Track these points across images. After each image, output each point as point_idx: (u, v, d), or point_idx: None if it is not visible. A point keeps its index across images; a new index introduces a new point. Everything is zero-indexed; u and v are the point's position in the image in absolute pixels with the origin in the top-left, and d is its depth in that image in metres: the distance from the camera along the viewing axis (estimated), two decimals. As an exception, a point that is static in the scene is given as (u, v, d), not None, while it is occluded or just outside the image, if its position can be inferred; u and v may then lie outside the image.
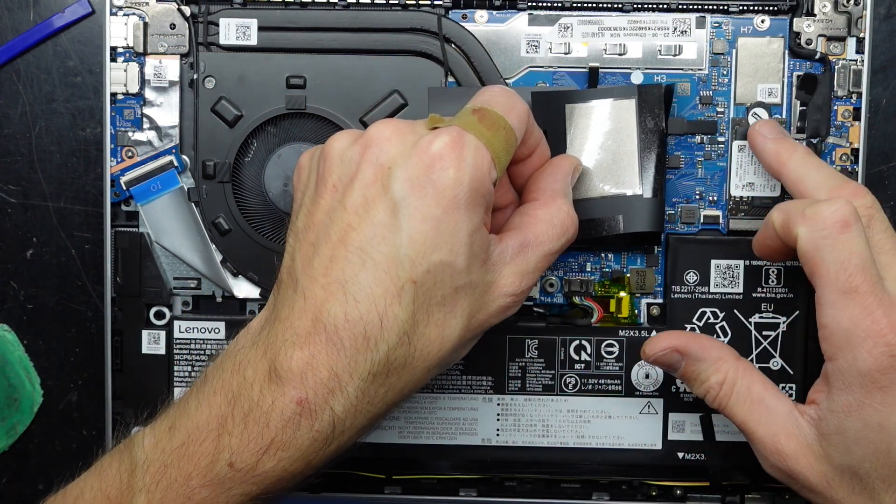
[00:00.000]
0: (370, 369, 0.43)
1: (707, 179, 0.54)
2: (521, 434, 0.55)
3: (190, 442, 0.44)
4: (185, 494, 0.43)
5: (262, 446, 0.43)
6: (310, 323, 0.43)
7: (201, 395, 0.45)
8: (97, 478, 0.45)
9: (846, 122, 0.53)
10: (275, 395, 0.43)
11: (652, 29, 0.53)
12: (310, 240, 0.44)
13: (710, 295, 0.54)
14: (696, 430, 0.55)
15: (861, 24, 0.52)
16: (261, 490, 0.44)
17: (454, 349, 0.45)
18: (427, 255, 0.43)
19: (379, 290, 0.43)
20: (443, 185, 0.43)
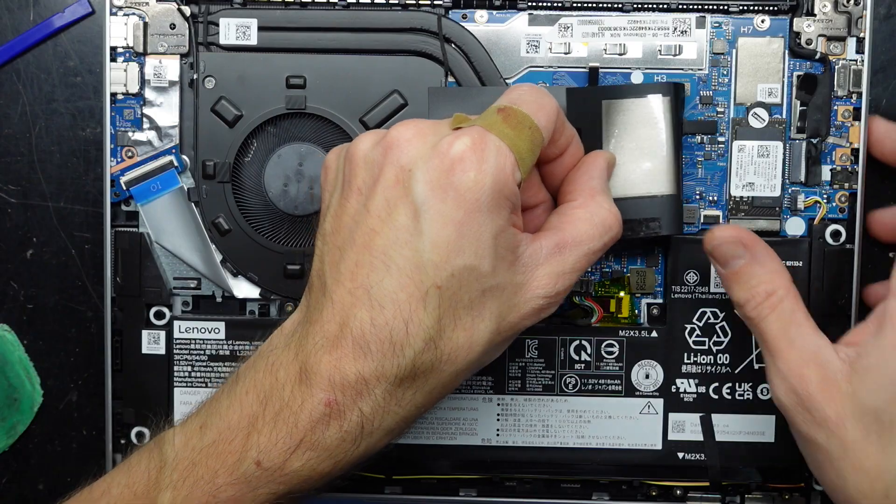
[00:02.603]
0: (397, 374, 0.43)
1: (707, 179, 0.54)
2: (521, 434, 0.55)
3: (220, 440, 0.44)
4: (210, 492, 0.43)
5: (291, 446, 0.43)
6: (337, 328, 0.43)
7: (233, 394, 0.45)
8: (125, 474, 0.45)
9: (846, 122, 0.53)
10: (304, 396, 0.43)
11: (652, 29, 0.53)
12: (337, 243, 0.44)
13: (711, 295, 0.54)
14: (696, 430, 0.55)
15: (861, 24, 0.52)
16: (288, 489, 0.44)
17: (484, 352, 0.44)
18: (451, 260, 0.42)
19: (403, 295, 0.42)
20: (464, 188, 0.42)
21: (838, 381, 0.45)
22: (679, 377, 0.54)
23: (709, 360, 0.54)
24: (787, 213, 0.54)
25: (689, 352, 0.54)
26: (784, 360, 0.46)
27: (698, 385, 0.54)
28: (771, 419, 0.54)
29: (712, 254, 0.48)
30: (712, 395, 0.54)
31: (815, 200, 0.54)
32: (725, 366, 0.54)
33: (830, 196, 0.53)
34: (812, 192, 0.53)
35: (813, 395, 0.45)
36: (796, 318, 0.47)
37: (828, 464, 0.45)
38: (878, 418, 0.44)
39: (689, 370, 0.54)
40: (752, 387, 0.54)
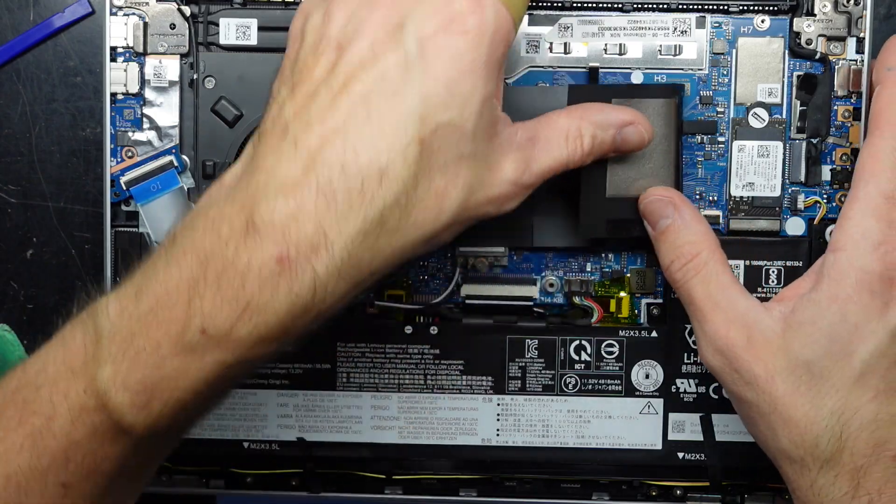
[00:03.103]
0: (361, 227, 0.40)
1: (707, 179, 0.54)
2: (521, 434, 0.55)
3: (159, 308, 0.40)
4: (154, 363, 0.40)
5: (237, 310, 0.40)
6: (300, 172, 0.40)
7: (170, 256, 0.41)
8: (60, 349, 0.42)
9: (846, 123, 0.53)
10: (252, 252, 0.39)
11: (652, 29, 0.53)
12: (306, 90, 0.41)
13: (711, 295, 0.54)
14: (696, 430, 0.54)
15: (861, 23, 0.52)
16: (235, 358, 0.40)
17: (446, 226, 0.42)
18: (437, 115, 0.40)
19: (383, 144, 0.40)
20: (461, 46, 0.40)
21: (769, 339, 0.45)
22: (679, 377, 0.54)
23: (709, 360, 0.54)
24: (787, 213, 0.54)
25: (690, 352, 0.54)
26: (710, 323, 0.46)
27: (698, 385, 0.54)
28: (771, 419, 0.54)
29: (643, 212, 0.49)
30: (712, 395, 0.54)
31: (815, 200, 0.53)
32: (725, 366, 0.54)
33: (830, 196, 0.53)
34: (812, 192, 0.53)
35: (740, 356, 0.46)
36: (722, 280, 0.47)
37: (759, 419, 0.46)
38: (809, 370, 0.44)
39: (689, 370, 0.54)
40: (752, 387, 0.54)
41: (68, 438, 0.41)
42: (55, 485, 0.41)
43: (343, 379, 0.55)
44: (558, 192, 0.52)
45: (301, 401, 0.55)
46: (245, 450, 0.55)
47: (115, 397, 0.40)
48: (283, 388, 0.55)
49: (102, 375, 0.40)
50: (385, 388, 0.55)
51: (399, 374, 0.54)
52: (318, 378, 0.55)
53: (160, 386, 0.40)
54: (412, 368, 0.54)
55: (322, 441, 0.55)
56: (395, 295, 0.55)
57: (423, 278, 0.55)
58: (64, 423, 0.41)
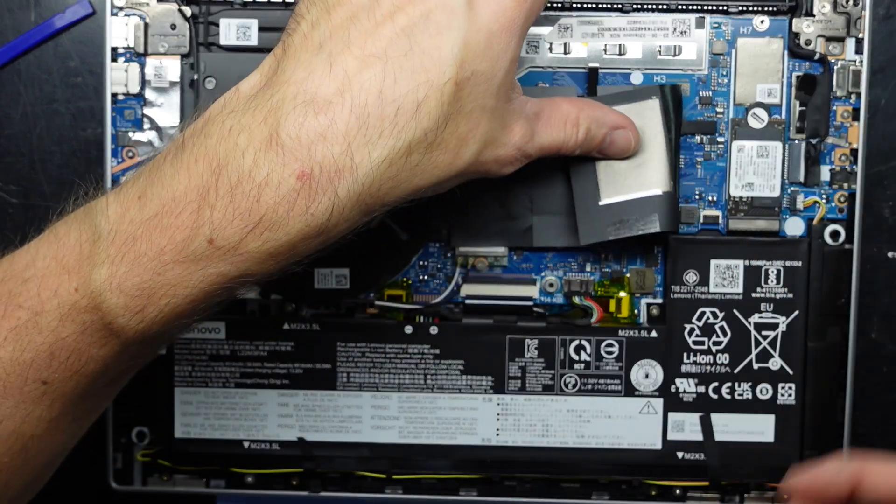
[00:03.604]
0: (388, 155, 0.40)
1: (706, 179, 0.54)
2: (521, 434, 0.55)
3: (164, 213, 0.39)
4: (154, 269, 0.39)
5: (249, 224, 0.39)
6: (334, 90, 0.39)
7: (178, 162, 0.40)
8: (52, 244, 0.41)
9: (845, 123, 0.53)
10: (272, 166, 0.39)
11: (651, 29, 0.53)
12: (344, 13, 0.41)
13: (710, 295, 0.54)
14: (696, 429, 0.55)
15: (860, 24, 0.52)
16: (238, 272, 0.40)
17: (458, 173, 0.42)
18: (474, 62, 0.41)
19: (422, 77, 0.40)
20: (504, 4, 0.42)
21: None
22: (678, 377, 0.54)
23: (708, 360, 0.54)
24: (786, 214, 0.54)
25: (689, 352, 0.54)
26: None
27: (698, 385, 0.54)
28: (770, 419, 0.54)
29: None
30: (712, 395, 0.54)
31: (814, 201, 0.54)
32: (725, 365, 0.54)
33: (829, 196, 0.54)
34: (811, 192, 0.54)
35: None
36: None
37: None
38: None
39: (688, 370, 0.54)
40: (751, 387, 0.54)
41: (55, 335, 0.40)
42: (35, 381, 0.41)
43: (343, 379, 0.55)
44: (557, 192, 0.53)
45: (301, 400, 0.55)
46: (245, 449, 0.55)
47: (109, 299, 0.39)
48: (283, 388, 0.55)
49: (98, 276, 0.39)
50: (385, 387, 0.55)
51: (399, 373, 0.55)
52: (319, 378, 0.55)
53: (158, 292, 0.39)
54: (412, 368, 0.54)
55: (322, 441, 0.55)
56: (394, 295, 0.55)
57: (423, 278, 0.55)
58: (51, 319, 0.40)
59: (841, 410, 0.54)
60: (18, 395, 0.41)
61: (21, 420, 0.41)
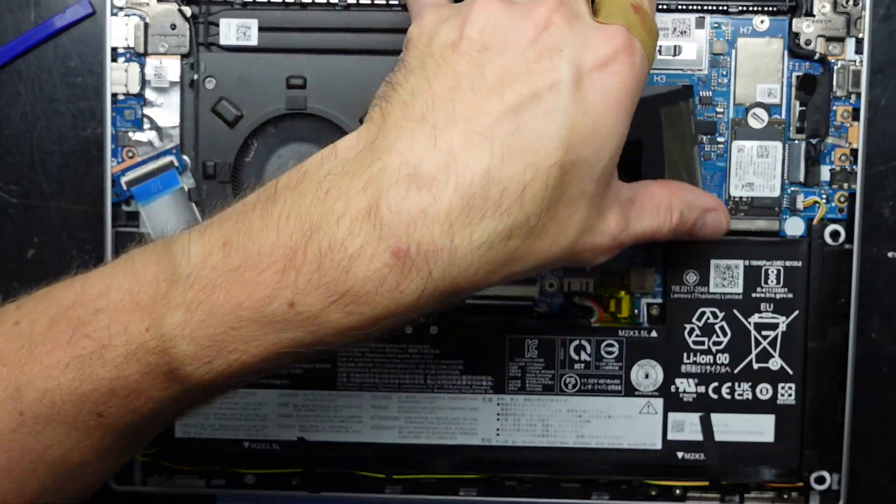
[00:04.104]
0: (488, 239, 0.38)
1: (707, 179, 0.54)
2: (521, 434, 0.55)
3: (248, 267, 0.38)
4: (229, 323, 0.38)
5: (334, 295, 0.37)
6: (438, 167, 0.38)
7: (268, 215, 0.38)
8: (129, 278, 0.40)
9: (845, 123, 0.53)
10: (368, 238, 0.37)
11: (651, 29, 0.53)
12: (446, 83, 0.39)
13: (710, 295, 0.54)
14: (696, 429, 0.55)
15: (860, 24, 0.52)
16: (314, 340, 0.38)
17: (553, 261, 0.41)
18: (579, 147, 0.39)
19: (528, 160, 0.38)
20: (614, 85, 0.40)
21: None
22: (678, 377, 0.54)
23: (708, 360, 0.54)
24: (786, 214, 0.54)
25: (689, 352, 0.54)
26: None
27: (698, 385, 0.54)
28: (770, 419, 0.54)
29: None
30: (712, 395, 0.54)
31: (814, 201, 0.54)
32: (725, 366, 0.54)
33: (829, 196, 0.54)
34: (811, 192, 0.54)
35: None
36: None
37: None
38: None
39: (688, 370, 0.54)
40: (751, 386, 0.54)
41: (117, 371, 0.39)
42: (91, 413, 0.40)
43: (343, 379, 0.55)
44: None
45: (301, 400, 0.55)
46: (245, 449, 0.55)
47: (179, 346, 0.38)
48: (283, 388, 0.55)
49: (172, 321, 0.38)
50: (385, 387, 0.55)
51: (399, 373, 0.55)
52: (319, 378, 0.55)
53: (229, 346, 0.38)
54: (412, 368, 0.54)
55: (322, 441, 0.55)
56: (395, 295, 0.55)
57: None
58: (117, 355, 0.39)
59: (841, 410, 0.54)
60: (72, 424, 0.40)
61: (70, 448, 0.40)
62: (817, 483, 0.55)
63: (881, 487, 0.58)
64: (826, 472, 0.55)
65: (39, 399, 0.39)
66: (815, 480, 0.55)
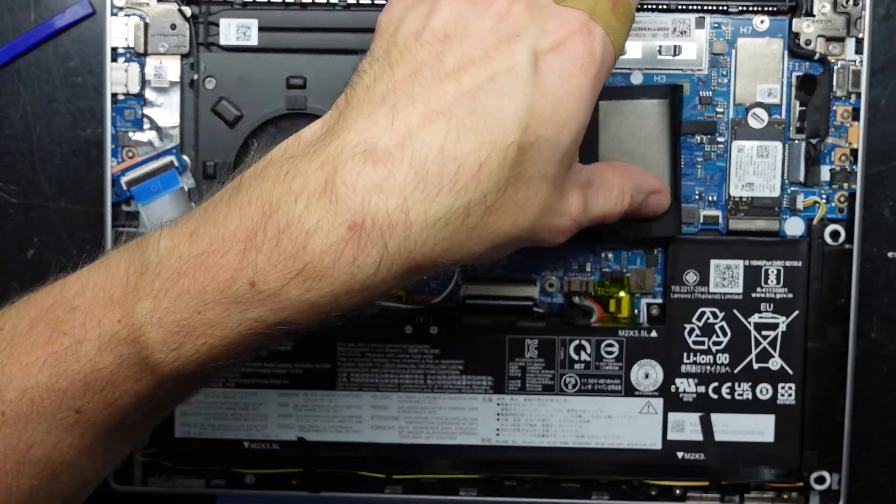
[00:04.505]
0: (444, 214, 0.39)
1: (706, 179, 0.54)
2: (521, 434, 0.55)
3: (211, 252, 0.39)
4: (195, 308, 0.39)
5: (293, 271, 0.38)
6: (394, 143, 0.38)
7: (233, 202, 0.39)
8: (103, 275, 0.41)
9: (845, 123, 0.53)
10: (324, 214, 0.38)
11: (651, 29, 0.53)
12: (407, 69, 0.40)
13: (710, 295, 0.54)
14: (696, 429, 0.55)
15: (860, 24, 0.52)
16: (277, 319, 0.39)
17: (514, 240, 0.41)
18: (538, 128, 0.39)
19: (485, 138, 0.39)
20: (572, 70, 0.40)
21: None
22: (678, 377, 0.54)
23: (708, 360, 0.54)
24: (786, 214, 0.54)
25: (689, 351, 0.54)
26: None
27: (698, 385, 0.54)
28: (770, 419, 0.54)
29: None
30: (712, 395, 0.54)
31: (814, 201, 0.54)
32: (725, 365, 0.54)
33: (829, 196, 0.54)
34: (811, 192, 0.54)
35: None
36: None
37: None
38: None
39: (688, 370, 0.54)
40: (751, 386, 0.54)
41: (91, 365, 0.40)
42: (69, 409, 0.40)
43: (343, 379, 0.55)
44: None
45: (301, 400, 0.55)
46: (245, 449, 0.55)
47: (149, 333, 0.39)
48: (283, 388, 0.55)
49: (141, 309, 0.39)
50: (385, 387, 0.55)
51: (399, 373, 0.55)
52: (319, 378, 0.55)
53: (196, 331, 0.39)
54: (412, 368, 0.54)
55: (322, 441, 0.55)
56: (395, 295, 0.55)
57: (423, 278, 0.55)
58: (91, 348, 0.40)
59: (841, 410, 0.54)
60: (51, 421, 0.41)
61: (52, 446, 0.41)
62: (817, 483, 0.55)
63: (881, 487, 0.58)
64: (826, 472, 0.55)
65: (19, 398, 0.40)
66: (815, 480, 0.55)
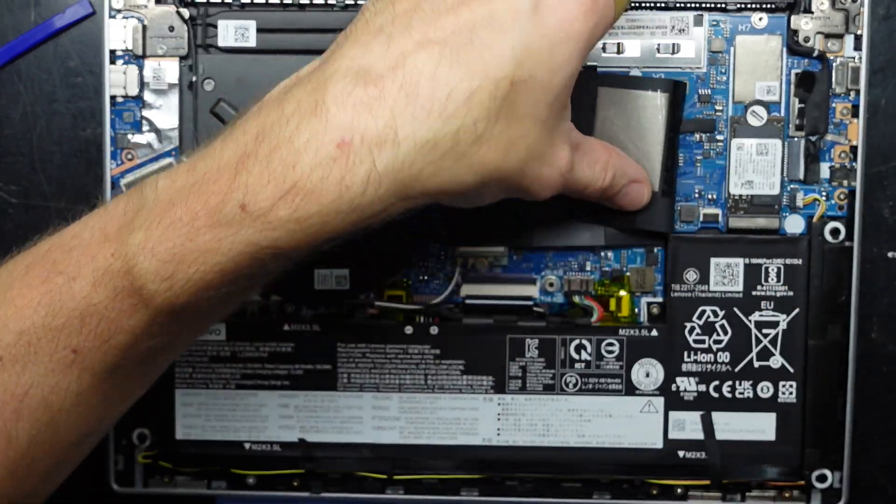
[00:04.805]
0: (433, 137, 0.39)
1: (706, 178, 0.54)
2: (522, 434, 0.55)
3: (205, 181, 0.39)
4: (186, 235, 0.39)
5: (282, 189, 0.38)
6: (388, 66, 0.39)
7: (229, 137, 0.40)
8: (101, 217, 0.41)
9: (845, 120, 0.53)
10: (314, 131, 0.38)
11: (650, 27, 0.53)
12: (408, 4, 0.40)
13: (710, 293, 0.54)
14: (697, 428, 0.54)
15: (858, 20, 0.52)
16: (268, 242, 0.39)
17: (503, 180, 0.41)
18: (533, 66, 0.40)
19: (478, 68, 0.39)
20: (572, 14, 0.40)
21: None
22: (679, 376, 0.54)
23: (709, 359, 0.54)
24: (786, 211, 0.54)
25: (690, 350, 0.54)
26: None
27: (699, 383, 0.54)
28: (771, 417, 0.54)
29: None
30: (713, 394, 0.54)
31: (814, 198, 0.54)
32: (726, 364, 0.54)
33: (829, 193, 0.54)
34: (811, 189, 0.54)
35: None
36: None
37: None
38: None
39: (689, 369, 0.54)
40: (752, 385, 0.54)
41: (86, 300, 0.40)
42: (66, 348, 0.40)
43: (344, 379, 0.55)
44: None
45: (302, 401, 0.55)
46: (246, 451, 0.55)
47: (141, 263, 0.39)
48: (283, 389, 0.55)
49: (134, 240, 0.39)
50: (386, 388, 0.55)
51: (400, 374, 0.54)
52: (319, 379, 0.55)
53: (188, 258, 0.39)
54: (413, 368, 0.54)
55: (323, 442, 0.55)
56: (395, 295, 0.55)
57: (423, 278, 0.55)
58: (85, 284, 0.40)
59: (842, 408, 0.54)
60: (48, 362, 0.41)
61: (50, 389, 0.41)
62: (819, 481, 0.54)
63: (881, 487, 0.58)
64: (827, 471, 0.54)
65: (16, 341, 0.40)
66: (816, 479, 0.54)
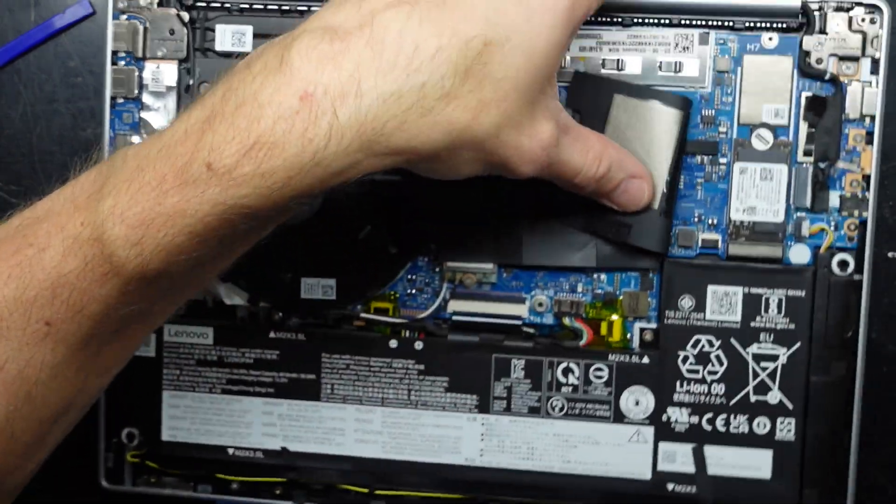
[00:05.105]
0: (397, 89, 0.38)
1: (706, 202, 0.51)
2: (506, 455, 0.53)
3: (173, 143, 0.39)
4: (154, 198, 0.38)
5: (246, 145, 0.38)
6: (355, 24, 0.39)
7: (199, 100, 0.40)
8: (72, 188, 0.41)
9: (858, 147, 0.50)
10: (277, 86, 0.38)
11: (652, 44, 0.51)
12: None
13: (706, 322, 0.51)
14: (687, 461, 0.52)
15: (876, 43, 0.50)
16: (234, 200, 0.38)
17: (477, 142, 0.40)
18: (509, 30, 0.39)
19: (448, 26, 0.39)
20: None
21: None
22: (671, 405, 0.52)
23: (702, 390, 0.52)
24: (790, 240, 0.51)
25: (682, 380, 0.52)
26: None
27: (691, 415, 0.52)
28: (767, 454, 0.52)
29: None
30: (705, 426, 0.52)
31: (821, 228, 0.51)
32: (720, 396, 0.52)
33: (839, 223, 0.51)
34: (818, 218, 0.51)
35: None
36: None
37: None
38: None
39: (681, 399, 0.52)
40: (748, 420, 0.52)
41: (57, 271, 0.40)
42: (38, 321, 0.40)
43: (327, 390, 0.54)
44: (548, 208, 0.51)
45: (285, 410, 0.54)
46: (230, 456, 0.55)
47: (110, 229, 0.39)
48: (268, 397, 0.54)
49: (103, 207, 0.39)
50: (369, 401, 0.54)
51: (383, 388, 0.54)
52: (303, 388, 0.54)
53: (156, 222, 0.39)
54: (396, 383, 0.54)
55: (305, 452, 0.54)
56: (381, 308, 0.54)
57: (410, 292, 0.54)
58: (55, 254, 0.40)
59: (845, 449, 0.51)
60: (21, 336, 0.41)
61: (24, 363, 0.41)
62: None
63: (891, 532, 0.55)
64: (824, 514, 0.52)
65: None
66: (810, 520, 0.52)
